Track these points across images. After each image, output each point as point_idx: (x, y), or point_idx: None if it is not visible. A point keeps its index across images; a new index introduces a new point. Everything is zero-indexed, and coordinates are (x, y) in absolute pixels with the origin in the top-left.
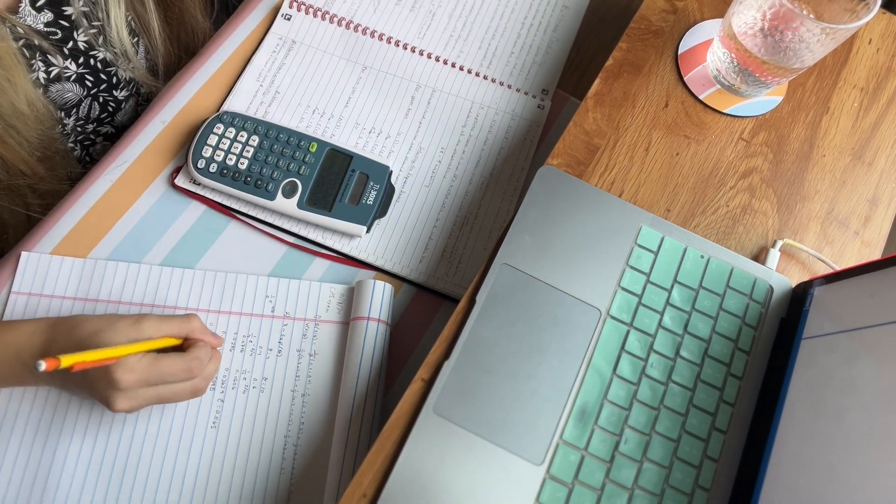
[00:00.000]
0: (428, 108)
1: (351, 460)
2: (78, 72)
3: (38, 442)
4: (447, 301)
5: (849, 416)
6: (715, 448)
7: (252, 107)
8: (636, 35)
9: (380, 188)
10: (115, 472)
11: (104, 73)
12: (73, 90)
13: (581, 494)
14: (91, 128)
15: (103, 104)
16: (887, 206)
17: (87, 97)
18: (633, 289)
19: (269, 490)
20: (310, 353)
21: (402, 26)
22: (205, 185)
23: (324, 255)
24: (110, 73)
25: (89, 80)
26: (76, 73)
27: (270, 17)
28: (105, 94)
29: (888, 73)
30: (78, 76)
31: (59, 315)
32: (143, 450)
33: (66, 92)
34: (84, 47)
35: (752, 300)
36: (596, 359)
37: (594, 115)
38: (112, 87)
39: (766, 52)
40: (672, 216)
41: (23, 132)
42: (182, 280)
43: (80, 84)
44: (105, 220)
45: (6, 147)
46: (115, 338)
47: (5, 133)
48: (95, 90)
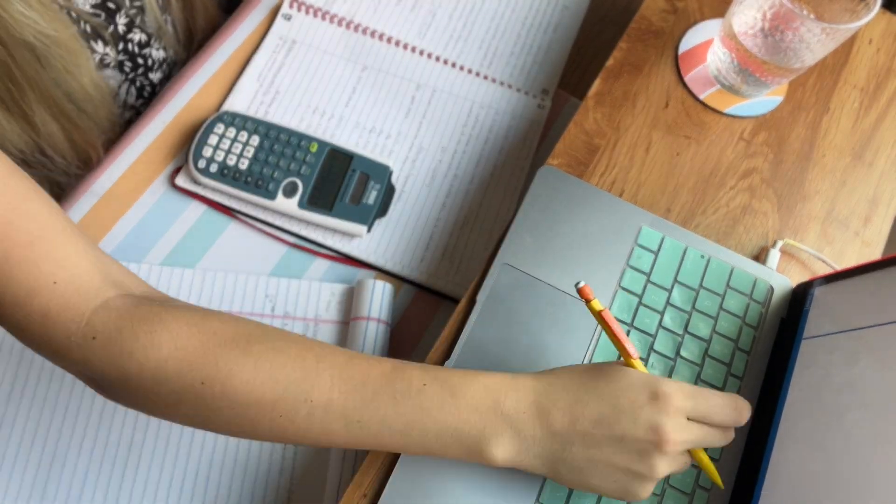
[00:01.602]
0: (428, 108)
1: (351, 460)
2: (118, 59)
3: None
4: (447, 301)
5: (849, 416)
6: (715, 448)
7: (252, 107)
8: (636, 35)
9: (380, 188)
10: (114, 473)
11: (140, 57)
12: (114, 77)
13: (581, 494)
14: (128, 116)
15: (140, 88)
16: (887, 206)
17: (126, 82)
18: (634, 289)
19: (269, 490)
20: None
21: (402, 26)
22: (205, 185)
23: (324, 255)
24: (146, 56)
25: (127, 65)
26: (115, 60)
27: (270, 17)
28: (142, 77)
29: (888, 73)
30: (117, 63)
31: None
32: (142, 450)
33: (109, 79)
34: (123, 31)
35: (753, 300)
36: (596, 359)
37: (594, 115)
38: (147, 69)
39: (767, 52)
40: (672, 216)
41: (93, 116)
42: (182, 280)
43: (120, 70)
44: (105, 220)
45: (79, 132)
46: None
47: (79, 118)
48: (133, 74)
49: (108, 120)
